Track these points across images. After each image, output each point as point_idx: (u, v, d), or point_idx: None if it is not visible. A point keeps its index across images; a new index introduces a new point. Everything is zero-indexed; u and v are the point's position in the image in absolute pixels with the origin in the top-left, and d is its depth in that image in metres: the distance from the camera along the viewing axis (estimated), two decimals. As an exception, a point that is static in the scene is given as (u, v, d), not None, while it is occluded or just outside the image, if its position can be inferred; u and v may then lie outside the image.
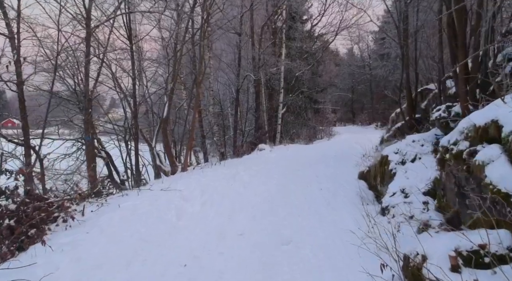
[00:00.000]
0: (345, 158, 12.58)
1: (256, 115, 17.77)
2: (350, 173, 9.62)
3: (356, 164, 10.46)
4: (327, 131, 24.75)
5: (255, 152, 14.56)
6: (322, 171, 10.13)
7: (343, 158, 12.59)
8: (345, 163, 11.38)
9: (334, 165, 11.07)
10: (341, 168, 10.43)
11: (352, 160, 11.91)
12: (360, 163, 10.40)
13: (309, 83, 25.48)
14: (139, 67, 13.60)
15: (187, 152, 10.56)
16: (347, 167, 10.48)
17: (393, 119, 13.12)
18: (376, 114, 43.06)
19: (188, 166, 10.51)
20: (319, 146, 17.63)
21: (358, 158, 11.90)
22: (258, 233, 5.50)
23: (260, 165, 11.10)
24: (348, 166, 10.62)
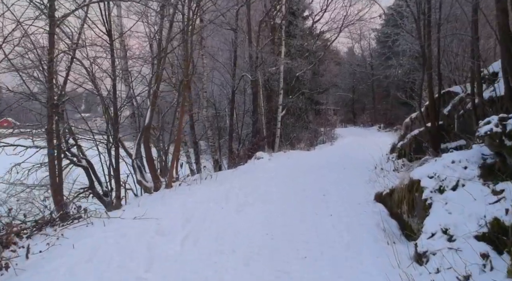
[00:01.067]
0: (353, 169, 11.14)
1: (253, 118, 16.31)
2: (363, 191, 8.18)
3: (369, 180, 9.02)
4: (329, 134, 23.32)
5: (252, 160, 13.10)
6: (330, 188, 8.67)
7: (351, 169, 11.15)
8: (355, 176, 9.93)
9: (343, 179, 9.61)
10: (351, 184, 8.98)
11: (362, 172, 10.47)
12: (374, 178, 8.96)
13: (310, 84, 24.04)
14: (125, 66, 12.16)
15: (172, 166, 9.09)
16: (358, 183, 9.03)
17: (407, 125, 11.69)
18: (379, 115, 41.67)
19: (173, 182, 9.06)
20: (322, 153, 16.19)
21: (369, 171, 10.49)
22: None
23: (258, 180, 9.65)
24: (359, 181, 9.18)
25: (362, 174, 10.00)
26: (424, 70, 8.87)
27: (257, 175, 10.36)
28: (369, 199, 7.46)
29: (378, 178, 8.74)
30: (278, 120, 18.08)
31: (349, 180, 9.52)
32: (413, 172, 5.56)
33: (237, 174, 10.59)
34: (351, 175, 10.08)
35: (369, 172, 10.35)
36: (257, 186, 8.86)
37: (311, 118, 23.23)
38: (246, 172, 10.94)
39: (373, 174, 9.63)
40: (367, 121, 42.60)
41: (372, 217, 6.30)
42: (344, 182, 9.28)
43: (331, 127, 23.91)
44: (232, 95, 15.55)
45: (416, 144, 10.08)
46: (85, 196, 13.47)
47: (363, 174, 10.06)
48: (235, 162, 13.53)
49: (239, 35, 16.08)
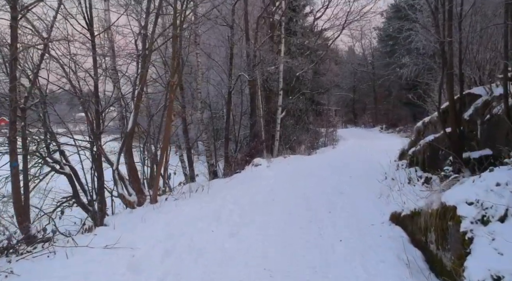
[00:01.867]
0: (361, 179, 10.11)
1: (251, 120, 15.27)
2: (375, 208, 7.16)
3: (380, 193, 7.98)
4: (331, 136, 22.29)
5: (249, 168, 12.07)
6: (336, 203, 7.63)
7: (358, 179, 10.11)
8: (363, 188, 8.90)
9: (350, 192, 8.58)
10: (359, 199, 7.94)
11: (371, 183, 9.44)
12: (386, 192, 7.92)
13: (311, 84, 22.99)
14: (111, 64, 11.09)
15: (158, 178, 8.03)
16: (368, 197, 8.00)
17: (419, 129, 10.64)
18: (380, 115, 40.68)
19: (160, 195, 8.01)
20: (325, 158, 15.15)
21: (379, 181, 9.46)
22: None
23: (255, 193, 8.61)
24: (369, 195, 8.14)
25: (371, 186, 8.97)
26: (444, 70, 7.80)
27: (254, 186, 9.32)
28: (383, 219, 6.43)
29: (391, 192, 7.70)
30: (278, 122, 17.07)
31: (357, 192, 8.48)
32: (446, 196, 4.51)
33: (232, 185, 9.54)
34: (359, 187, 9.04)
35: (378, 182, 9.33)
36: (254, 202, 7.82)
37: (311, 119, 22.19)
38: (242, 182, 9.90)
39: (383, 186, 8.60)
40: (368, 122, 41.68)
41: (390, 245, 5.26)
42: (352, 195, 8.24)
43: (332, 128, 22.87)
44: (229, 96, 14.50)
45: (431, 151, 9.04)
46: (69, 205, 12.50)
47: (372, 185, 9.03)
48: (231, 169, 12.49)
49: (236, 32, 15.03)
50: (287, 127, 19.61)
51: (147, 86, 10.38)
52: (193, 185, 9.08)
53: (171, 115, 7.74)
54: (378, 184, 9.13)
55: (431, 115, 10.08)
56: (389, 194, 7.57)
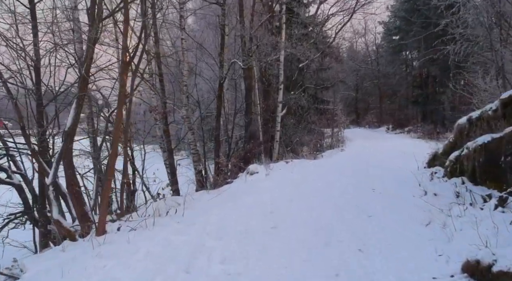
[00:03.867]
0: (388, 193, 7.71)
1: (246, 119, 12.89)
2: (427, 245, 4.74)
3: (428, 219, 5.56)
4: (337, 137, 19.92)
5: (243, 176, 9.68)
6: (365, 234, 5.24)
7: (385, 193, 7.71)
8: (396, 208, 6.50)
9: (380, 214, 6.18)
10: (398, 226, 5.53)
11: (403, 199, 7.08)
12: (436, 217, 5.52)
13: (315, 79, 20.65)
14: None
15: (105, 197, 5.56)
16: (409, 224, 5.59)
17: (462, 128, 8.23)
18: (385, 115, 38.35)
19: (112, 221, 5.61)
20: (335, 163, 12.73)
21: (415, 196, 7.08)
22: None
23: (248, 215, 6.21)
24: (409, 221, 5.73)
25: (407, 204, 6.59)
26: None
27: (248, 204, 6.92)
28: (449, 268, 4.04)
29: (447, 218, 5.31)
30: (278, 121, 14.67)
31: (391, 216, 6.08)
32: None
33: (219, 202, 7.14)
34: (391, 206, 6.64)
35: (414, 199, 6.96)
36: (247, 231, 5.43)
37: (315, 119, 19.79)
38: (233, 197, 7.49)
39: (427, 206, 6.20)
40: (372, 122, 39.35)
41: None
42: (385, 221, 5.82)
43: (339, 128, 20.51)
44: (219, 88, 12.11)
45: (488, 157, 6.66)
46: (21, 222, 10.16)
47: (408, 203, 6.66)
48: (222, 178, 10.10)
49: (228, 13, 12.62)
50: (288, 127, 17.23)
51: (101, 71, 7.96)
52: (163, 204, 6.65)
53: (122, 105, 5.33)
54: (415, 201, 6.76)
55: (481, 109, 7.72)
56: (444, 223, 5.17)
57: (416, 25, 25.30)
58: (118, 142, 5.47)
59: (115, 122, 5.17)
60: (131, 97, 5.95)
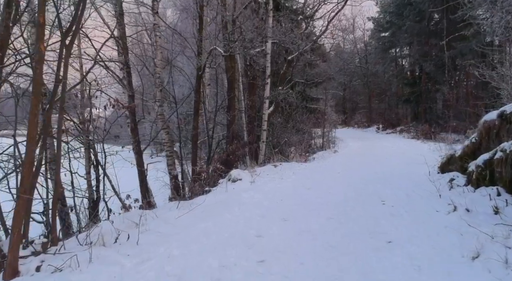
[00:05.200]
0: (404, 207, 6.15)
1: (229, 116, 11.25)
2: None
3: (476, 250, 3.99)
4: (328, 138, 18.42)
5: (224, 184, 8.03)
6: (388, 273, 3.66)
7: (400, 207, 6.15)
8: (420, 230, 4.93)
9: (402, 239, 4.59)
10: (437, 266, 3.95)
11: (425, 215, 5.54)
12: (489, 249, 3.99)
13: (304, 75, 19.14)
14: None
15: (17, 223, 3.82)
16: (452, 259, 4.02)
17: (490, 126, 6.74)
18: (375, 114, 37.13)
19: (29, 255, 3.92)
20: (329, 168, 11.15)
21: (441, 213, 5.55)
22: None
23: (225, 245, 4.57)
24: (442, 250, 4.18)
25: (435, 227, 5.03)
26: None
27: (226, 226, 5.27)
28: None
29: (501, 247, 3.77)
30: (265, 119, 13.04)
31: (421, 247, 4.48)
32: None
33: (188, 223, 5.47)
34: (415, 229, 5.04)
35: (440, 216, 5.43)
36: (221, 274, 3.79)
37: (304, 118, 18.23)
38: (207, 215, 5.83)
39: (462, 227, 4.67)
40: (362, 122, 38.11)
41: None
42: (415, 256, 4.21)
43: (330, 128, 19.01)
44: (198, 81, 10.43)
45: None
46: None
47: (436, 225, 5.10)
48: (199, 186, 8.43)
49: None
50: (275, 127, 15.64)
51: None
52: (108, 227, 4.93)
53: (38, 94, 3.60)
54: (443, 220, 5.22)
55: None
56: (505, 257, 3.62)
57: (409, 19, 24.03)
58: (36, 145, 3.78)
59: (29, 118, 3.47)
60: (64, 81, 4.25)
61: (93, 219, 8.50)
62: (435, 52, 23.06)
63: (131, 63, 12.28)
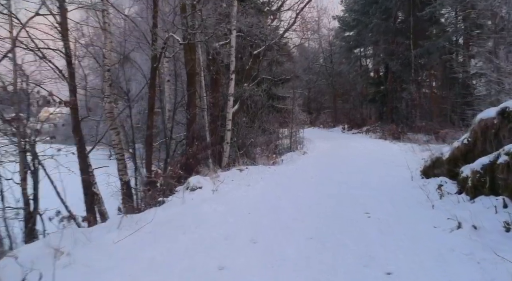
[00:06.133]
0: (392, 220, 5.21)
1: (188, 114, 10.01)
2: None
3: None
4: (296, 139, 17.49)
5: (180, 194, 6.79)
6: None
7: (387, 220, 5.19)
8: (426, 258, 3.94)
9: (406, 271, 3.60)
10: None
11: (426, 234, 4.57)
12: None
13: (270, 73, 18.13)
14: None
15: None
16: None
17: (488, 124, 5.91)
18: (340, 114, 36.77)
19: None
20: (300, 171, 10.13)
21: (445, 230, 4.63)
22: None
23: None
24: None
25: (440, 252, 4.07)
26: None
27: (179, 256, 4.09)
28: None
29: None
30: (229, 119, 11.86)
31: (426, 276, 3.52)
32: None
33: (127, 253, 4.21)
34: (415, 254, 4.07)
35: (440, 233, 4.52)
36: None
37: (271, 117, 17.22)
38: (155, 239, 4.60)
39: (473, 249, 3.76)
40: (327, 122, 37.68)
41: None
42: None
43: (297, 128, 18.09)
44: (152, 74, 9.13)
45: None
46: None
47: (438, 248, 4.15)
48: (150, 197, 7.15)
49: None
50: (240, 127, 14.50)
51: None
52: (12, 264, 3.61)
53: None
54: (446, 240, 4.30)
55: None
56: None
57: (376, 17, 23.62)
58: None
59: None
60: None
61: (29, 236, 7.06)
62: (401, 50, 22.76)
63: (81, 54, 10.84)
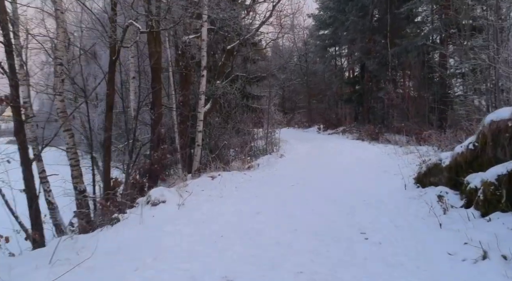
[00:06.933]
0: (395, 243, 4.30)
1: (153, 114, 8.84)
2: None
3: None
4: (272, 139, 16.53)
5: (140, 209, 5.65)
6: None
7: (388, 244, 4.28)
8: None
9: None
10: None
11: (442, 266, 3.69)
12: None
13: (246, 68, 17.13)
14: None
15: None
16: None
17: (500, 127, 5.13)
18: (315, 114, 36.16)
19: None
20: (279, 178, 9.09)
21: (466, 262, 3.73)
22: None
23: None
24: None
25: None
26: None
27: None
28: None
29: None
30: (200, 119, 10.72)
31: None
32: None
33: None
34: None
35: (459, 266, 3.64)
36: None
37: (245, 117, 16.19)
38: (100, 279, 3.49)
39: None
40: (302, 122, 37.03)
41: None
42: None
43: (273, 129, 17.14)
44: (111, 68, 7.91)
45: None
46: None
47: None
48: (99, 214, 5.99)
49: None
50: (213, 127, 13.41)
51: None
52: None
53: None
54: (467, 272, 3.42)
55: None
56: None
57: (352, 15, 22.99)
58: None
59: None
60: None
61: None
62: (378, 49, 22.21)
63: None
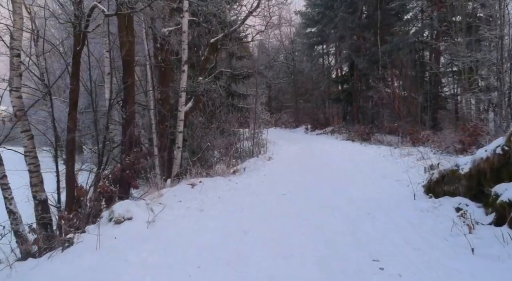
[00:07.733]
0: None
1: (124, 113, 7.75)
2: None
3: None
4: (259, 140, 15.55)
5: (96, 229, 4.58)
6: None
7: (409, 278, 3.36)
8: None
9: None
10: None
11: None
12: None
13: (231, 65, 16.13)
14: None
15: None
16: None
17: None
18: (302, 114, 35.33)
19: None
20: (270, 188, 7.98)
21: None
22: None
23: None
24: None
25: None
26: None
27: None
28: None
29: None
30: (180, 118, 9.64)
31: None
32: None
33: None
34: None
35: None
36: None
37: (230, 117, 15.18)
38: None
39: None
40: (289, 122, 36.19)
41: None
42: None
43: (260, 129, 16.17)
44: (75, 59, 6.81)
45: None
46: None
47: None
48: (47, 237, 4.91)
49: None
50: (195, 128, 12.35)
51: None
52: None
53: None
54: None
55: None
56: None
57: (341, 11, 22.18)
58: None
59: None
60: None
61: None
62: (368, 46, 21.45)
63: None
